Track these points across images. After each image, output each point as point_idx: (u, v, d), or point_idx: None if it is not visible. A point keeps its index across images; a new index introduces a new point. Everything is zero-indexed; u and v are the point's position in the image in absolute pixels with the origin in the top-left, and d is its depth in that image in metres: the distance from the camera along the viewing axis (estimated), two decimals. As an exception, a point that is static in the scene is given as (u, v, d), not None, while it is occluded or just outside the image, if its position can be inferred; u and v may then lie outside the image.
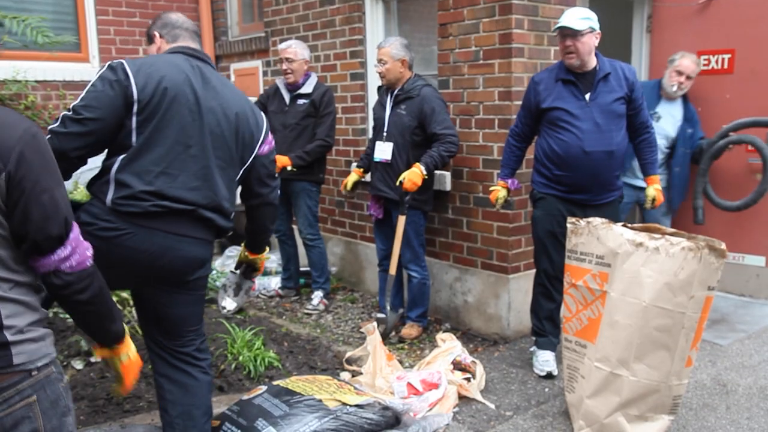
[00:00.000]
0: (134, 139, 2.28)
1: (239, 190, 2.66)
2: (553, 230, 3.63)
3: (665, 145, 4.58)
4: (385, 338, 3.98)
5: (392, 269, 4.19)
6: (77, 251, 1.60)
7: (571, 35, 3.41)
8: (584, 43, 3.42)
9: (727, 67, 4.71)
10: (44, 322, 1.61)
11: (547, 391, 3.58)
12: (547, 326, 3.77)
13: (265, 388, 2.97)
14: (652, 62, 5.08)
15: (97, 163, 2.40)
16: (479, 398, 3.43)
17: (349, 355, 3.79)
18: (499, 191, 3.77)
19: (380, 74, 4.15)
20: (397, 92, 4.14)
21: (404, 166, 4.05)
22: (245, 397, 2.94)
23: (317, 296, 4.89)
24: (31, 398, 1.53)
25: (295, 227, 5.06)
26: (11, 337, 1.50)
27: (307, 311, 4.82)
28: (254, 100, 5.79)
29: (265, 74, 6.00)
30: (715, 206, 4.61)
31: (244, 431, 2.70)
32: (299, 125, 4.68)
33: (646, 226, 3.10)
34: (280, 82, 4.87)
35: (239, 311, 4.67)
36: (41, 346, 1.57)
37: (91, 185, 2.37)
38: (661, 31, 5.01)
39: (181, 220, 2.36)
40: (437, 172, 4.27)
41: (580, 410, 3.04)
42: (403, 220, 4.08)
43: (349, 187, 4.57)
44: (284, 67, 4.68)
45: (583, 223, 3.08)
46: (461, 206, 4.40)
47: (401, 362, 3.78)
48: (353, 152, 5.20)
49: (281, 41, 4.99)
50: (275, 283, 5.27)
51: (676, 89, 4.52)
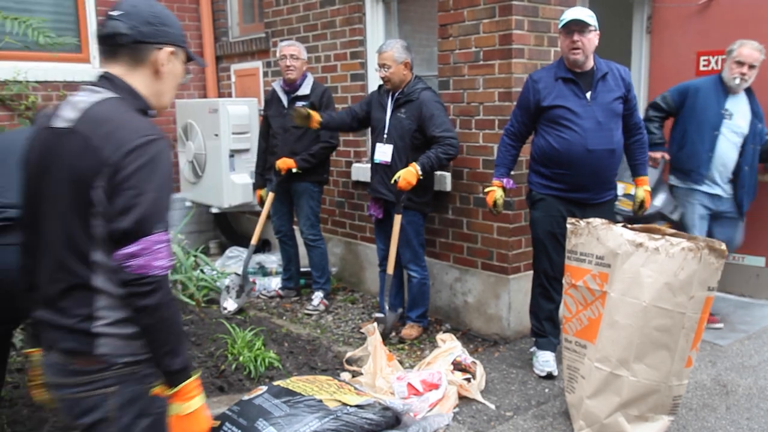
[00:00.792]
0: None
1: None
2: (552, 231, 3.62)
3: (740, 143, 4.28)
4: (385, 338, 3.98)
5: (389, 269, 4.20)
6: (147, 255, 1.54)
7: (579, 30, 3.41)
8: (590, 39, 3.45)
9: (727, 67, 4.71)
10: None
11: (547, 391, 3.58)
12: (546, 327, 3.77)
13: (265, 388, 2.97)
14: (652, 63, 5.08)
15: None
16: (479, 399, 3.44)
17: (349, 355, 3.79)
18: (495, 192, 3.73)
19: (384, 79, 4.14)
20: (397, 95, 4.14)
21: (404, 168, 4.05)
22: (246, 397, 2.94)
23: (317, 297, 4.89)
24: (110, 388, 1.60)
25: (295, 227, 5.06)
26: (99, 328, 1.59)
27: (307, 312, 4.82)
28: (255, 101, 5.81)
29: (265, 75, 6.01)
30: None
31: (244, 431, 2.70)
32: (300, 128, 4.68)
33: (646, 226, 3.10)
34: (276, 85, 4.87)
35: (240, 312, 4.68)
36: (129, 344, 1.62)
37: None
38: (661, 31, 5.01)
39: None
40: (437, 173, 4.28)
41: (580, 410, 3.04)
42: (399, 219, 4.08)
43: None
44: (288, 63, 4.67)
45: (582, 223, 3.09)
46: (461, 207, 4.41)
47: (401, 362, 3.79)
48: (353, 153, 5.21)
49: (281, 42, 5.00)
50: (276, 283, 5.27)
51: (738, 82, 4.20)
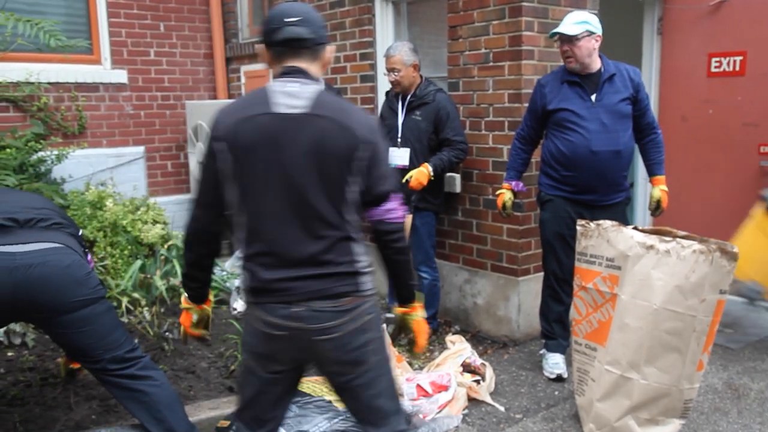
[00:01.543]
0: None
1: None
2: (561, 232, 3.63)
3: None
4: (394, 339, 3.97)
5: None
6: (397, 209, 2.04)
7: (567, 40, 3.44)
8: (581, 47, 3.44)
9: (738, 69, 4.68)
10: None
11: (557, 393, 3.57)
12: (556, 329, 3.76)
13: (275, 389, 2.98)
14: (663, 64, 5.06)
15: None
16: (489, 400, 3.43)
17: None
18: (504, 194, 3.78)
19: (394, 83, 4.13)
20: (410, 98, 4.13)
21: None
22: (255, 397, 2.94)
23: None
24: (369, 316, 2.00)
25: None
26: (361, 269, 1.98)
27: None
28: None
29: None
30: None
31: None
32: None
33: (657, 228, 3.09)
34: None
35: (249, 312, 4.69)
36: (372, 279, 2.03)
37: None
38: (672, 33, 4.99)
39: None
40: (447, 174, 4.28)
41: (590, 413, 3.03)
42: (410, 219, 4.09)
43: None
44: None
45: (593, 225, 3.08)
46: (471, 208, 4.40)
47: (410, 364, 3.78)
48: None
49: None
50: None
51: None
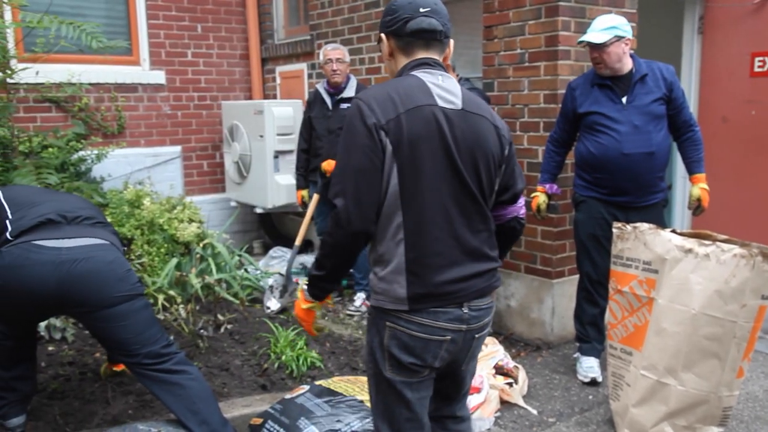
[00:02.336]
0: None
1: None
2: (595, 233, 3.60)
3: None
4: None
5: None
6: (523, 206, 2.11)
7: (596, 47, 3.42)
8: (610, 53, 3.41)
9: (783, 69, 4.57)
10: None
11: (591, 398, 3.53)
12: (590, 332, 3.72)
13: (307, 387, 3.00)
14: (703, 64, 4.96)
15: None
16: (521, 403, 3.40)
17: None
18: (539, 197, 3.79)
19: None
20: None
21: None
22: (288, 396, 2.97)
23: (360, 298, 4.92)
24: (494, 308, 2.05)
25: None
26: (496, 264, 2.00)
27: (349, 312, 4.85)
28: (300, 103, 5.87)
29: (309, 77, 6.06)
30: None
31: (286, 430, 2.73)
32: None
33: (696, 232, 3.03)
34: (320, 87, 4.91)
35: (282, 311, 4.73)
36: None
37: None
38: (713, 32, 4.88)
39: None
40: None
41: (625, 419, 2.99)
42: None
43: None
44: (334, 67, 4.71)
45: (629, 228, 3.03)
46: (505, 209, 4.37)
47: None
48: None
49: (326, 44, 5.03)
50: (318, 283, 5.31)
51: None
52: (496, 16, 4.29)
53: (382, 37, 1.98)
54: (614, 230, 3.13)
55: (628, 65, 3.50)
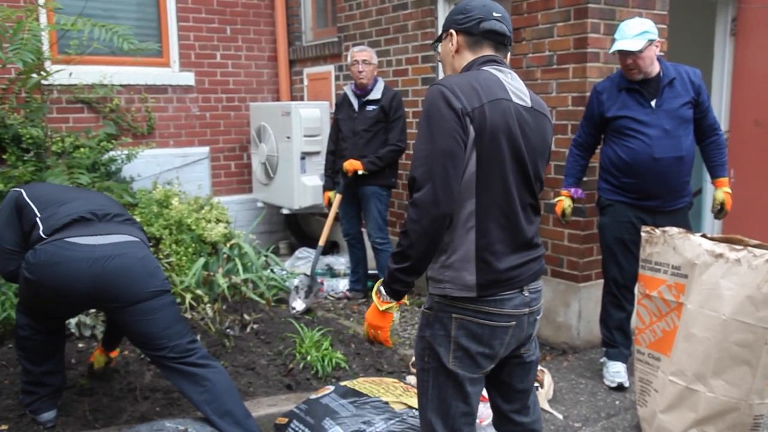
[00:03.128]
0: None
1: None
2: (622, 237, 3.57)
3: None
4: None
5: None
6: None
7: (630, 54, 3.38)
8: (644, 58, 3.39)
9: (818, 71, 4.48)
10: None
11: (617, 403, 3.49)
12: (617, 337, 3.68)
13: (332, 388, 3.01)
14: (735, 67, 4.88)
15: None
16: (547, 408, 3.38)
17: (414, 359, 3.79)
18: (563, 201, 3.76)
19: None
20: None
21: None
22: (313, 396, 2.99)
23: (385, 299, 4.91)
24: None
25: (364, 230, 5.11)
26: (543, 251, 2.08)
27: (374, 314, 4.84)
28: (327, 104, 5.90)
29: (337, 78, 6.09)
30: None
31: (311, 430, 2.74)
32: (369, 131, 4.73)
33: (727, 237, 2.98)
34: (348, 89, 4.93)
35: (308, 312, 4.75)
36: None
37: None
38: (746, 34, 4.80)
39: None
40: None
41: (652, 425, 2.95)
42: None
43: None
44: (360, 69, 4.73)
45: (658, 232, 3.00)
46: (531, 212, 4.34)
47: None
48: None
49: (354, 46, 5.05)
50: (343, 285, 5.34)
51: None
52: (524, 18, 4.27)
53: (451, 32, 2.03)
54: (643, 234, 3.10)
55: (656, 68, 3.47)
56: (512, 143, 1.90)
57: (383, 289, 1.98)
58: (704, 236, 2.92)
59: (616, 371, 3.66)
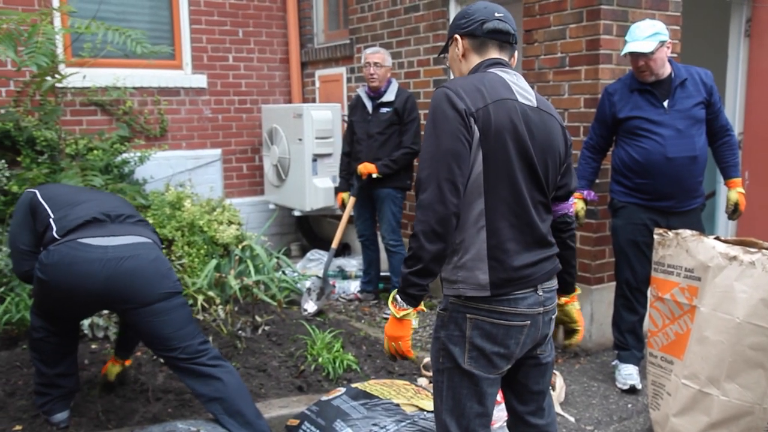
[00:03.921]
0: None
1: None
2: (635, 239, 3.56)
3: None
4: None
5: None
6: (572, 205, 2.22)
7: (642, 56, 3.38)
8: (656, 59, 3.39)
9: (833, 72, 4.43)
10: None
11: (630, 406, 3.47)
12: (629, 339, 3.67)
13: (343, 390, 3.02)
14: (750, 68, 4.84)
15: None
16: (559, 410, 3.37)
17: (426, 361, 3.79)
18: (576, 204, 3.74)
19: None
20: None
21: None
22: (324, 398, 2.99)
23: (396, 301, 4.91)
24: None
25: (378, 232, 5.11)
26: (556, 249, 2.09)
27: (385, 316, 4.85)
28: (338, 107, 5.91)
29: (349, 80, 6.10)
30: None
31: (322, 431, 2.75)
32: (383, 134, 4.74)
33: (741, 239, 2.96)
34: (361, 91, 4.93)
35: (319, 313, 4.76)
36: None
37: None
38: (761, 35, 4.76)
39: None
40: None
41: (665, 428, 2.93)
42: None
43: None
44: (371, 71, 4.73)
45: (671, 234, 2.98)
46: (543, 214, 4.33)
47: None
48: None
49: (365, 48, 5.06)
50: (355, 287, 5.34)
51: None
52: (536, 20, 4.26)
53: (456, 38, 2.06)
54: (655, 236, 3.08)
55: (668, 69, 3.47)
56: (518, 142, 1.91)
57: (399, 296, 1.98)
58: (718, 238, 2.90)
59: (628, 374, 3.64)
